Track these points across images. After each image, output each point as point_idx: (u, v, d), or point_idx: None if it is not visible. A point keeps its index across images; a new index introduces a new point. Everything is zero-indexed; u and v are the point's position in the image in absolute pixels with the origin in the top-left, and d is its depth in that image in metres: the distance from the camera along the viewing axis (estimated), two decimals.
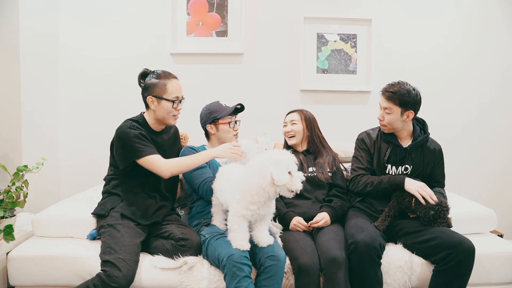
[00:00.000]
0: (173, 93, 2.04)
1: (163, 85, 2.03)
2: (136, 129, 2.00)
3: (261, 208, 1.78)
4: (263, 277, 1.79)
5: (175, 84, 2.06)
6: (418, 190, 2.01)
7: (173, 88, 2.04)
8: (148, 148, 1.97)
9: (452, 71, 3.16)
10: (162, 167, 1.95)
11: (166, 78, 2.04)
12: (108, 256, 1.79)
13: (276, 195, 1.75)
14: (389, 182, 2.10)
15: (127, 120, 2.07)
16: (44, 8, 2.83)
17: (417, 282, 1.98)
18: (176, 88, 2.06)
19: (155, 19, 3.00)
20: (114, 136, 2.04)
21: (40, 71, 2.80)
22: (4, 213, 2.07)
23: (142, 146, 1.96)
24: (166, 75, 2.05)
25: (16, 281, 1.94)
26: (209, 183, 2.04)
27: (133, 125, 2.01)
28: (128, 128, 1.99)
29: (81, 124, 3.01)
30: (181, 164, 1.98)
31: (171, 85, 2.04)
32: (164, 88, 2.03)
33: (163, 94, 2.03)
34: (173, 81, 2.06)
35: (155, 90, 2.03)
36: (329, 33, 3.09)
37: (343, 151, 2.75)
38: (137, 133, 1.98)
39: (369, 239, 1.87)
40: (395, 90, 2.09)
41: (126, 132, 1.97)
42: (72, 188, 2.87)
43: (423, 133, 2.21)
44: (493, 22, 3.14)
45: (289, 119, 2.39)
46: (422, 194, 1.99)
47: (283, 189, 1.71)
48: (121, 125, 2.04)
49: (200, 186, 2.07)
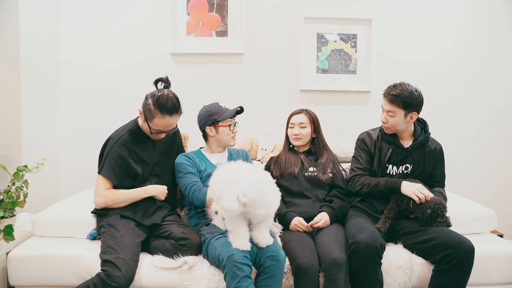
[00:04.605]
0: (157, 126, 2.02)
1: (153, 116, 1.99)
2: (123, 148, 2.03)
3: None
4: (263, 277, 1.80)
5: (165, 121, 2.00)
6: (414, 192, 2.00)
7: (159, 123, 2.01)
8: (111, 172, 2.01)
9: (452, 71, 3.16)
10: (100, 193, 2.00)
11: (160, 111, 1.97)
12: (108, 255, 1.79)
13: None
14: (385, 185, 2.09)
15: (123, 129, 2.10)
16: (44, 8, 2.83)
17: (417, 282, 1.98)
18: (162, 125, 2.02)
19: (155, 19, 3.00)
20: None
21: (40, 71, 2.80)
22: (4, 213, 2.07)
23: (108, 165, 2.02)
24: (162, 108, 1.97)
25: (16, 281, 1.94)
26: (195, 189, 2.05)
27: (124, 141, 2.04)
28: (115, 142, 2.04)
29: (81, 124, 3.01)
30: (115, 200, 2.00)
31: (159, 121, 2.00)
32: (151, 117, 2.00)
33: (149, 120, 2.02)
34: (165, 119, 1.99)
35: (146, 110, 2.01)
36: (329, 33, 3.09)
37: (343, 151, 2.75)
38: (117, 153, 2.02)
39: (370, 239, 1.86)
40: (398, 93, 2.07)
41: (112, 145, 2.04)
42: (72, 188, 2.87)
43: (423, 132, 2.21)
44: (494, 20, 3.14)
45: (297, 121, 2.36)
46: (419, 196, 1.99)
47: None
48: (116, 132, 2.10)
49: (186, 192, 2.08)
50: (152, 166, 2.14)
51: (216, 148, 2.26)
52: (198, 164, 2.17)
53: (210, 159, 2.23)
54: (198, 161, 2.18)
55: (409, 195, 2.01)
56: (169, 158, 2.21)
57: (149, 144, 2.13)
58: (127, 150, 2.05)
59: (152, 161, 2.13)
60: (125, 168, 2.05)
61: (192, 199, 2.05)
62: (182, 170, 2.12)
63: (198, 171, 2.15)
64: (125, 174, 2.05)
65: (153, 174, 2.15)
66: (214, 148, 2.26)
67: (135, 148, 2.08)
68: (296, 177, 2.27)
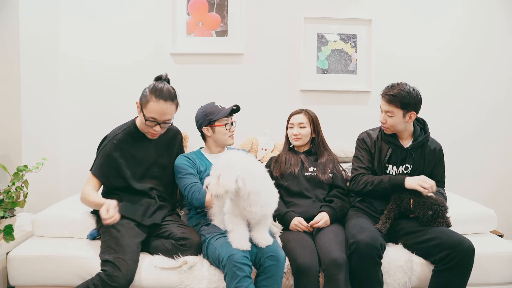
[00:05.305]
0: (151, 113, 1.98)
1: (147, 100, 1.98)
2: (116, 148, 2.04)
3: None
4: (263, 277, 1.80)
5: (159, 107, 1.96)
6: (419, 183, 2.00)
7: (153, 108, 1.97)
8: (99, 170, 2.03)
9: (452, 71, 3.16)
10: (82, 190, 2.01)
11: (155, 95, 1.96)
12: (108, 255, 1.79)
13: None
14: (389, 181, 2.09)
15: (119, 128, 2.12)
16: (44, 9, 2.83)
17: (417, 282, 1.98)
18: (156, 110, 1.97)
19: (155, 19, 3.00)
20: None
21: (40, 71, 2.79)
22: (4, 213, 2.07)
23: (98, 163, 2.04)
24: (158, 93, 1.96)
25: (16, 281, 1.94)
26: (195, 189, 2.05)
27: (118, 140, 2.06)
28: (109, 141, 2.06)
29: (81, 124, 3.01)
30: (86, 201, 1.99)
31: (153, 105, 1.96)
32: (146, 103, 1.98)
33: (143, 107, 2.00)
34: (159, 103, 1.96)
35: (142, 98, 2.02)
36: (329, 33, 3.09)
37: (343, 151, 2.75)
38: (108, 152, 2.04)
39: (370, 239, 1.87)
40: (395, 93, 2.07)
41: (105, 144, 2.07)
42: (72, 188, 2.87)
43: (423, 133, 2.21)
44: (494, 21, 3.15)
45: (296, 122, 2.36)
46: (424, 186, 1.98)
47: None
48: (112, 131, 2.12)
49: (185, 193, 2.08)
50: (148, 167, 2.13)
51: (215, 148, 2.26)
52: (198, 165, 2.17)
53: (209, 159, 2.23)
54: (198, 162, 2.18)
55: (414, 187, 2.01)
56: (169, 159, 2.20)
57: (145, 144, 2.13)
58: (119, 150, 2.06)
59: (147, 162, 2.13)
60: (114, 167, 2.05)
61: (192, 200, 2.05)
62: (182, 171, 2.12)
63: (198, 172, 2.15)
64: (114, 173, 2.05)
65: (150, 175, 2.14)
66: (213, 148, 2.26)
67: (129, 147, 2.08)
68: (296, 177, 2.27)
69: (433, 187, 1.99)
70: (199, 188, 2.05)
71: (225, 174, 1.68)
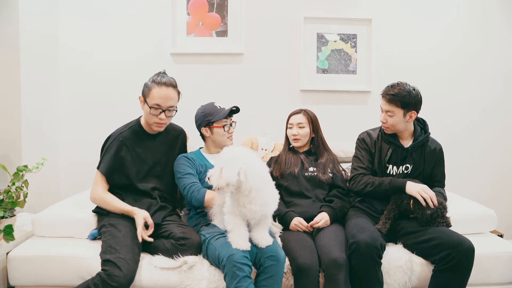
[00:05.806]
0: (154, 99, 2.00)
1: (149, 88, 2.01)
2: (121, 145, 2.06)
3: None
4: (263, 277, 1.80)
5: (161, 92, 1.99)
6: (419, 191, 2.01)
7: (156, 95, 1.99)
8: (107, 167, 2.04)
9: (453, 71, 3.16)
10: (94, 190, 2.03)
11: (156, 83, 2.01)
12: (108, 255, 1.79)
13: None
14: (390, 184, 2.09)
15: (124, 127, 2.13)
16: (44, 8, 2.83)
17: (417, 282, 1.98)
18: (159, 96, 1.99)
19: (155, 19, 3.00)
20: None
21: (40, 71, 2.79)
22: (4, 213, 2.07)
23: (106, 161, 2.05)
24: (159, 80, 2.01)
25: (16, 281, 1.94)
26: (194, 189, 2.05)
27: (124, 138, 2.07)
28: (115, 139, 2.07)
29: (81, 124, 3.01)
30: (104, 203, 2.01)
31: (156, 91, 1.99)
32: (149, 91, 2.01)
33: (146, 97, 2.03)
34: (162, 89, 1.99)
35: (144, 90, 2.05)
36: (329, 33, 3.09)
37: (343, 151, 2.75)
38: (114, 150, 2.05)
39: (370, 239, 1.87)
40: (396, 92, 2.07)
41: (111, 141, 2.08)
42: (72, 188, 2.87)
43: (423, 132, 2.21)
44: (494, 22, 3.15)
45: (295, 122, 2.36)
46: (423, 196, 1.99)
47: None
48: (117, 130, 2.13)
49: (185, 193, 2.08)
50: (151, 166, 2.14)
51: (214, 148, 2.26)
52: (198, 165, 2.17)
53: (209, 159, 2.23)
54: (198, 162, 2.18)
55: (414, 194, 2.01)
56: (171, 159, 2.20)
57: (150, 143, 2.14)
58: (125, 147, 2.07)
59: (151, 161, 2.14)
60: (119, 165, 2.06)
61: (191, 200, 2.05)
62: (181, 171, 2.12)
63: (198, 172, 2.15)
64: (119, 171, 2.06)
65: (153, 174, 2.15)
66: (212, 149, 2.26)
67: (135, 146, 2.09)
68: (296, 177, 2.27)
69: (432, 198, 1.99)
70: (198, 188, 2.04)
71: (228, 167, 1.69)
